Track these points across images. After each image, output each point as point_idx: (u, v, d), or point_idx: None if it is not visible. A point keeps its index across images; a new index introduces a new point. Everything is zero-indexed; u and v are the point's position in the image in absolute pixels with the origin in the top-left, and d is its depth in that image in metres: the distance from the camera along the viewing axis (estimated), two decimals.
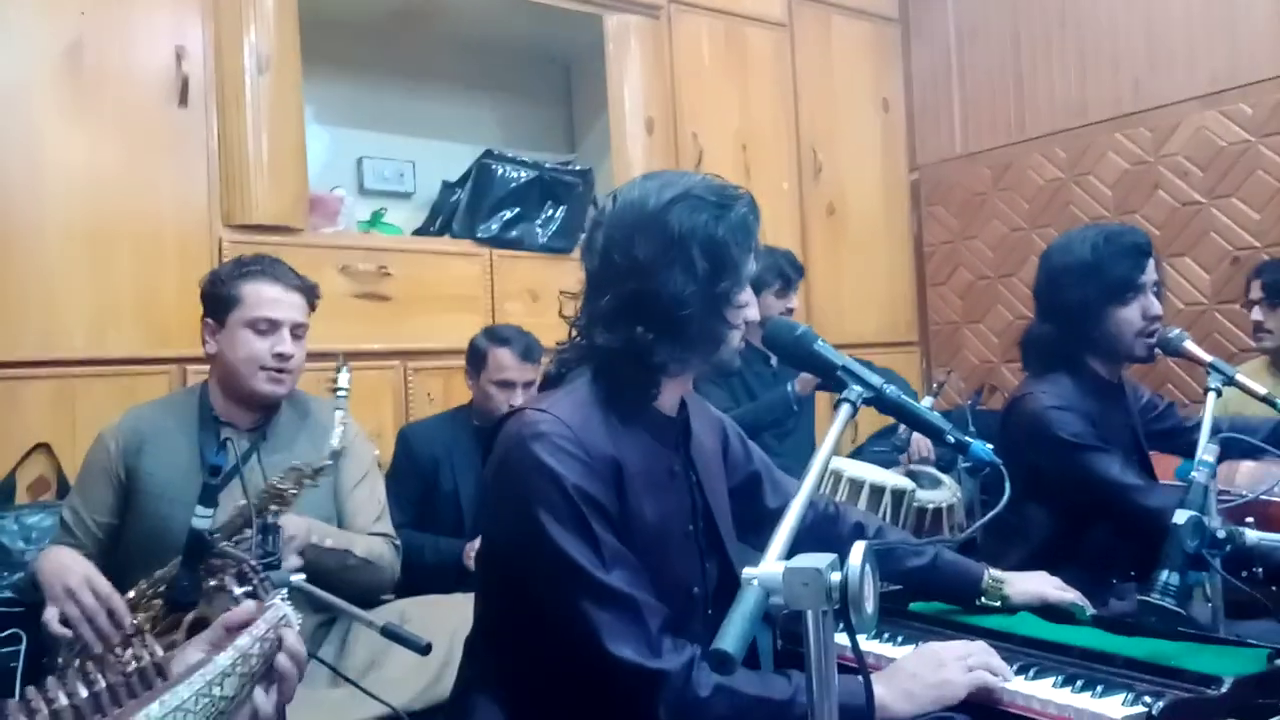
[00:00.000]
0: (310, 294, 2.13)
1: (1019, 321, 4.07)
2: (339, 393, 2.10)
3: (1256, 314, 3.09)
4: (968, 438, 1.32)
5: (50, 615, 1.79)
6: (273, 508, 1.98)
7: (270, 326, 2.04)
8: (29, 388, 2.56)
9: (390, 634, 1.55)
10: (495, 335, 2.79)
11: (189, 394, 2.15)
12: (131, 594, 1.87)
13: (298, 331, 2.08)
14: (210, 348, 2.07)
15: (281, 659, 1.09)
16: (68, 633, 1.78)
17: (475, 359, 2.77)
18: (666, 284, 1.31)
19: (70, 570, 1.84)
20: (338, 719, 1.84)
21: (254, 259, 2.11)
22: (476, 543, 2.57)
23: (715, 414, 1.62)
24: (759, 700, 1.25)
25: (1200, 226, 3.69)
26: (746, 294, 1.41)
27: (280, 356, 2.03)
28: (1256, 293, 3.09)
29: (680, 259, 1.32)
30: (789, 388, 3.03)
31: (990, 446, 1.34)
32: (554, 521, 1.25)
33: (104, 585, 1.83)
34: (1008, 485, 1.25)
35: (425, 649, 1.53)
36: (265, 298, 2.04)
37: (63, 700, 0.83)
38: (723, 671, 0.87)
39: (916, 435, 3.14)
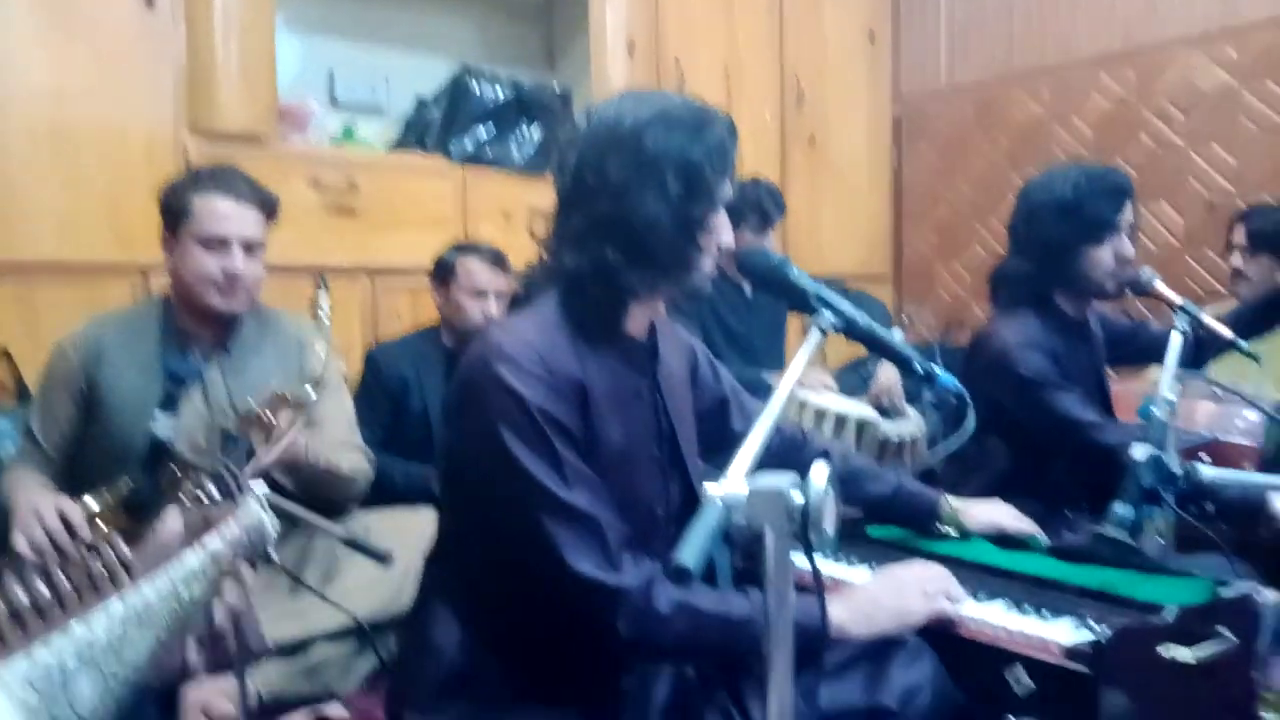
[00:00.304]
0: (267, 206, 2.06)
1: (993, 260, 4.06)
2: (321, 315, 2.07)
3: (1236, 260, 3.01)
4: (935, 368, 1.34)
5: (19, 540, 1.79)
6: (254, 435, 1.96)
7: (219, 243, 1.98)
8: None
9: (352, 543, 1.56)
10: (462, 246, 2.78)
11: (150, 306, 2.11)
12: (97, 506, 1.86)
13: (250, 247, 2.02)
14: (166, 262, 2.03)
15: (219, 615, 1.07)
16: (34, 556, 1.78)
17: (443, 272, 2.74)
18: (638, 206, 1.29)
19: (39, 498, 1.84)
20: (297, 628, 1.86)
21: (211, 170, 2.05)
22: None
23: (685, 337, 1.61)
24: (717, 618, 1.27)
25: (1179, 171, 3.70)
26: (721, 218, 1.39)
27: (230, 276, 1.98)
28: (1239, 239, 3.00)
29: (653, 181, 1.29)
30: (766, 379, 2.97)
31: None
32: (517, 441, 1.25)
33: (75, 514, 1.82)
34: (971, 415, 1.26)
35: (386, 559, 1.55)
36: (215, 212, 1.98)
37: (22, 598, 0.82)
38: (681, 584, 0.87)
39: (880, 384, 3.10)
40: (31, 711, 0.76)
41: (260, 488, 1.38)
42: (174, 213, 2.00)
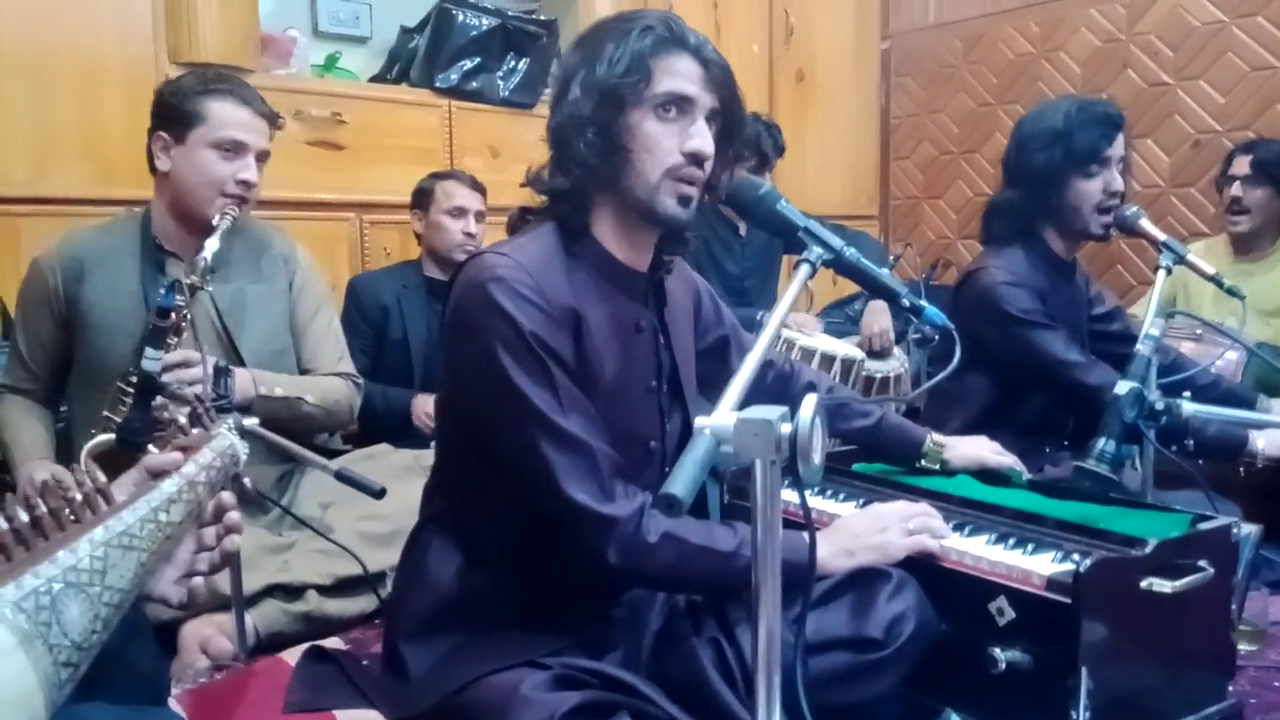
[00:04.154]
0: (274, 121, 2.05)
1: (978, 199, 4.07)
2: None
3: (1235, 190, 2.96)
4: (922, 302, 1.34)
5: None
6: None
7: (236, 149, 1.96)
8: None
9: (345, 478, 1.57)
10: (438, 173, 2.88)
11: (131, 219, 2.06)
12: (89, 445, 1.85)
13: (262, 158, 2.02)
14: (163, 164, 1.97)
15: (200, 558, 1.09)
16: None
17: (422, 197, 2.83)
18: (553, 116, 1.35)
19: (36, 469, 1.85)
20: (291, 577, 1.86)
21: (220, 75, 2.01)
22: (422, 399, 2.66)
23: (690, 274, 1.60)
24: (703, 549, 1.29)
25: (1165, 108, 3.68)
26: (681, 125, 1.31)
27: (244, 184, 1.96)
28: (1242, 169, 2.96)
29: (564, 91, 1.34)
30: (760, 317, 2.96)
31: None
32: (514, 364, 1.25)
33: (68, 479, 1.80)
34: (959, 349, 1.26)
35: (380, 494, 1.55)
36: (233, 119, 1.96)
37: (1, 524, 0.82)
38: (671, 514, 0.88)
39: (869, 327, 3.08)
40: (24, 635, 0.76)
41: (235, 418, 1.38)
42: (182, 114, 1.95)
